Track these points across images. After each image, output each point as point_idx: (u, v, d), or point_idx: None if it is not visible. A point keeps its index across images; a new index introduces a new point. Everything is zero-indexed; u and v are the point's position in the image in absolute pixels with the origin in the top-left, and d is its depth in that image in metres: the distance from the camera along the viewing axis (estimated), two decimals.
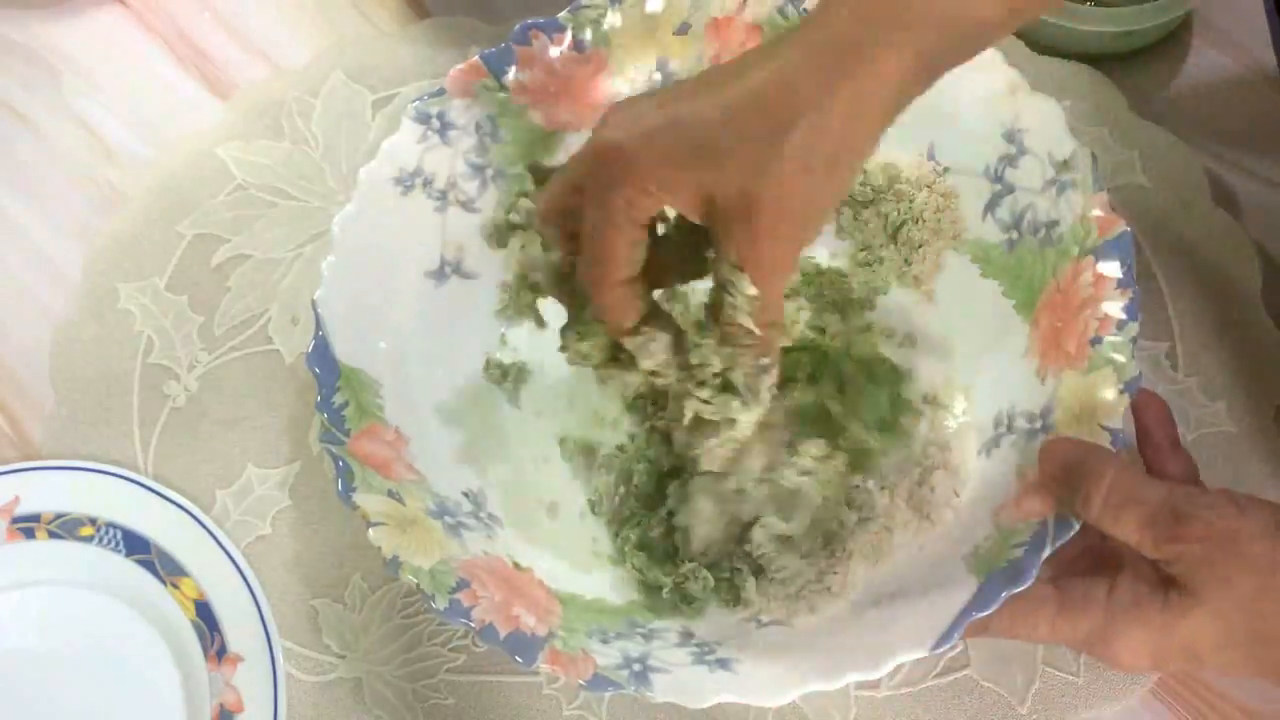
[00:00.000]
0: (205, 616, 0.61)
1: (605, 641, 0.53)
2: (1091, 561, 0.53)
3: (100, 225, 0.71)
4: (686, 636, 0.55)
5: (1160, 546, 0.49)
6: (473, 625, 0.52)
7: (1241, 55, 0.73)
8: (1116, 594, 0.50)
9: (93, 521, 0.63)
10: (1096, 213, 0.57)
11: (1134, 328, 0.55)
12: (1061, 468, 0.52)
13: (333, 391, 0.57)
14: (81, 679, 0.60)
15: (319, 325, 0.58)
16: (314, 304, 0.58)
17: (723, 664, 0.52)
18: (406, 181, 0.62)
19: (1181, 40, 0.74)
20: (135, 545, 0.62)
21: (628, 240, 0.47)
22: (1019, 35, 0.73)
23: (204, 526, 0.63)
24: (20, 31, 0.77)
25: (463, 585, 0.53)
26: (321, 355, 0.58)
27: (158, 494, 0.63)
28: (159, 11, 0.78)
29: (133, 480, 0.64)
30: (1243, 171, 0.70)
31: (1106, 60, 0.72)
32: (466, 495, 0.59)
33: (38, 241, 0.71)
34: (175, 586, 0.62)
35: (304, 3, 0.78)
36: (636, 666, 0.52)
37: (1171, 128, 0.71)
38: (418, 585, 0.52)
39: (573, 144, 0.65)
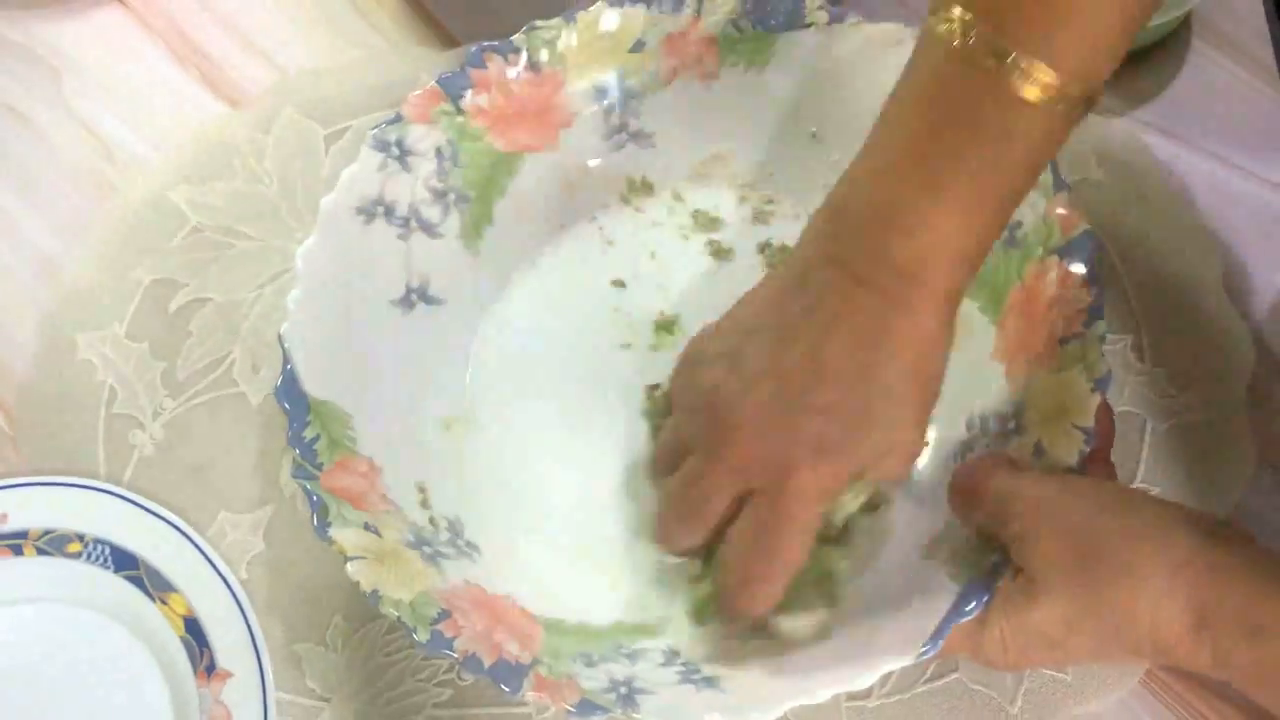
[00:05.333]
0: (194, 633, 0.60)
1: (590, 665, 0.53)
2: None
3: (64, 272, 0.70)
4: (672, 656, 0.54)
5: (999, 531, 0.49)
6: (456, 656, 0.51)
7: (1241, 55, 0.73)
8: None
9: (80, 538, 0.62)
10: (1060, 211, 0.58)
11: (1102, 325, 0.55)
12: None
13: (303, 425, 0.56)
14: (71, 696, 0.60)
15: (286, 359, 0.57)
16: (280, 338, 0.58)
17: (709, 682, 0.52)
18: (368, 210, 0.61)
19: (1181, 40, 0.74)
20: (123, 561, 0.62)
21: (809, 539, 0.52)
22: None
23: (192, 542, 0.62)
24: (20, 31, 0.77)
25: (444, 616, 0.52)
26: (290, 389, 0.57)
27: (145, 509, 0.63)
28: (158, 11, 0.77)
29: (120, 496, 0.63)
30: (1242, 172, 0.70)
31: None
32: (442, 522, 0.58)
33: (37, 242, 0.71)
34: (164, 603, 0.61)
35: (303, 1, 0.77)
36: (623, 689, 0.51)
37: (1171, 128, 0.71)
38: (399, 618, 0.51)
39: (533, 165, 0.65)
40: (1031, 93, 0.46)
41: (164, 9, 0.77)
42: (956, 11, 0.46)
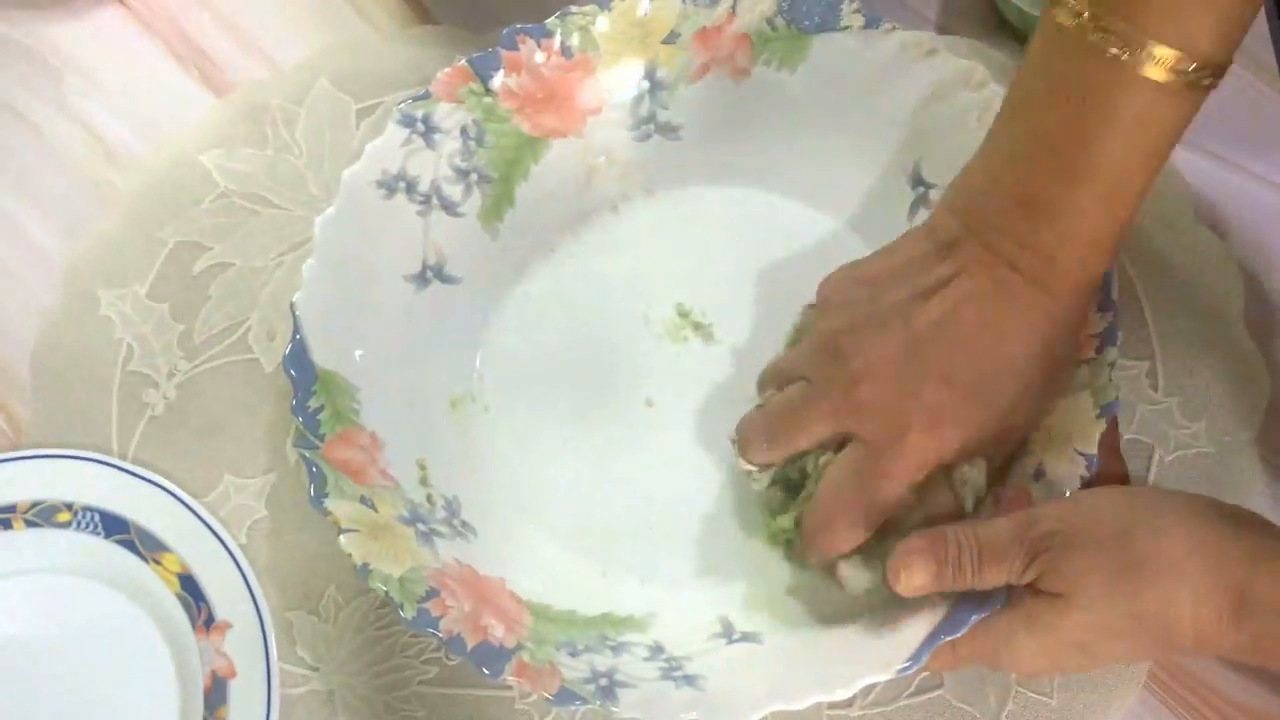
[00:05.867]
0: (190, 589, 0.61)
1: (574, 654, 0.53)
2: None
3: (92, 227, 0.71)
4: (656, 651, 0.54)
5: (1025, 572, 0.49)
6: (440, 635, 0.51)
7: (1241, 55, 0.72)
8: (1007, 607, 0.50)
9: (69, 507, 0.63)
10: None
11: (1113, 352, 0.55)
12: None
13: (309, 395, 0.57)
14: (71, 664, 0.60)
15: (297, 328, 0.58)
16: (292, 306, 0.58)
17: (690, 680, 0.52)
18: (390, 185, 0.62)
19: None
20: (114, 526, 0.62)
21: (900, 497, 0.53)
22: (1019, 38, 0.73)
23: (181, 501, 0.62)
24: (20, 31, 0.77)
25: (432, 594, 0.52)
26: (298, 358, 0.57)
27: (134, 475, 0.63)
28: (159, 11, 0.77)
29: (108, 464, 0.63)
30: (1242, 172, 0.69)
31: None
32: (439, 501, 0.58)
33: (37, 241, 0.71)
34: (157, 562, 0.61)
35: (303, 2, 0.77)
36: (603, 681, 0.51)
37: None
38: (387, 594, 0.52)
39: (558, 151, 0.65)
40: (1161, 75, 0.46)
41: (164, 9, 0.77)
42: (1075, 3, 0.47)
